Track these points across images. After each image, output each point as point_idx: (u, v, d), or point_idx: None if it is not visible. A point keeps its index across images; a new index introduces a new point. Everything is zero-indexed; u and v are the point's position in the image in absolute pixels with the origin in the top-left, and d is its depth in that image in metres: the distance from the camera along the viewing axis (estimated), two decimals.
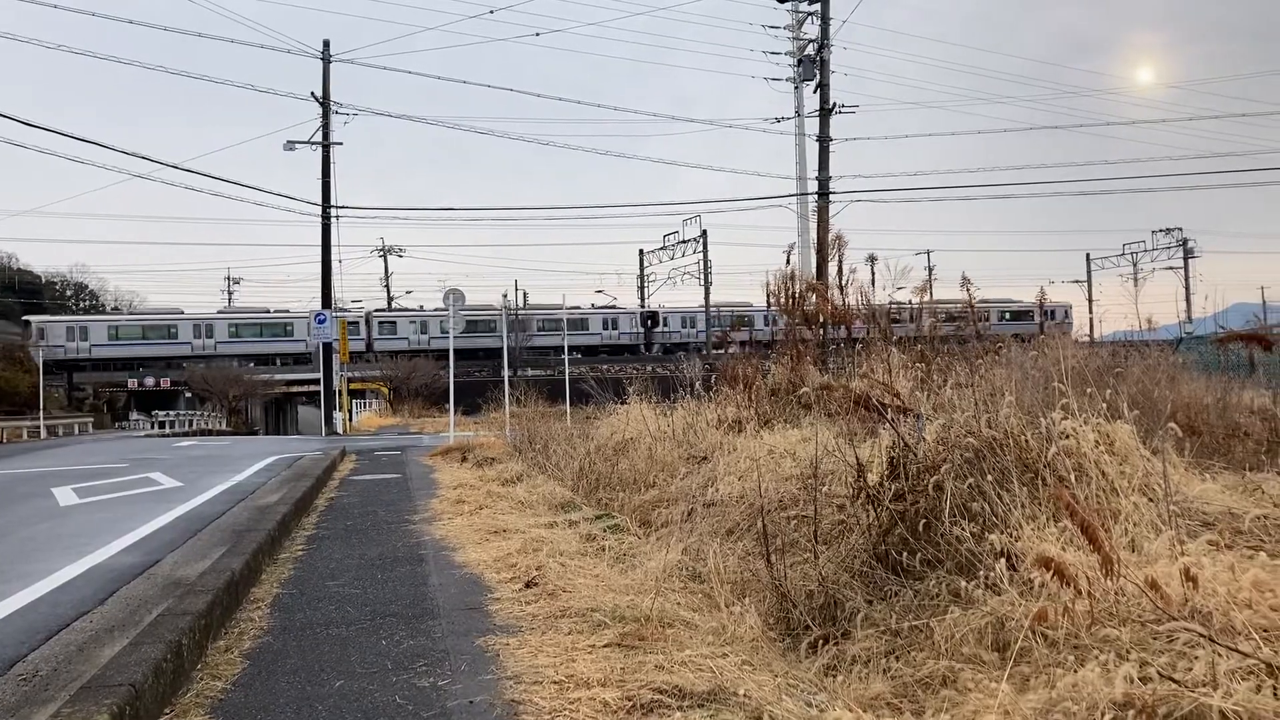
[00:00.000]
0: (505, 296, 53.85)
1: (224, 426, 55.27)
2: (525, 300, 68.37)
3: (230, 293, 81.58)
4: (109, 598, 5.73)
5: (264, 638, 5.21)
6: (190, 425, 52.83)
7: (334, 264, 35.14)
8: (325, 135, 34.18)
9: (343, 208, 35.51)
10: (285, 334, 63.13)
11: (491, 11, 37.27)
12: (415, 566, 7.07)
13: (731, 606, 5.23)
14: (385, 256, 73.89)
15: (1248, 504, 5.55)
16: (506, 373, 23.65)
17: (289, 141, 34.46)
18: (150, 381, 61.10)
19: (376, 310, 68.85)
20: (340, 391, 37.27)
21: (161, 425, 52.02)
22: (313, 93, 34.34)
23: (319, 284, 35.23)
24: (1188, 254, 72.01)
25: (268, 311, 65.31)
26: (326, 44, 34.29)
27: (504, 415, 20.66)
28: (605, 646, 4.53)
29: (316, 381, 37.78)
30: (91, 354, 59.22)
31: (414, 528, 8.89)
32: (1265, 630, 3.57)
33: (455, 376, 22.14)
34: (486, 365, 55.33)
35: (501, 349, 30.10)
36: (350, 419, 39.91)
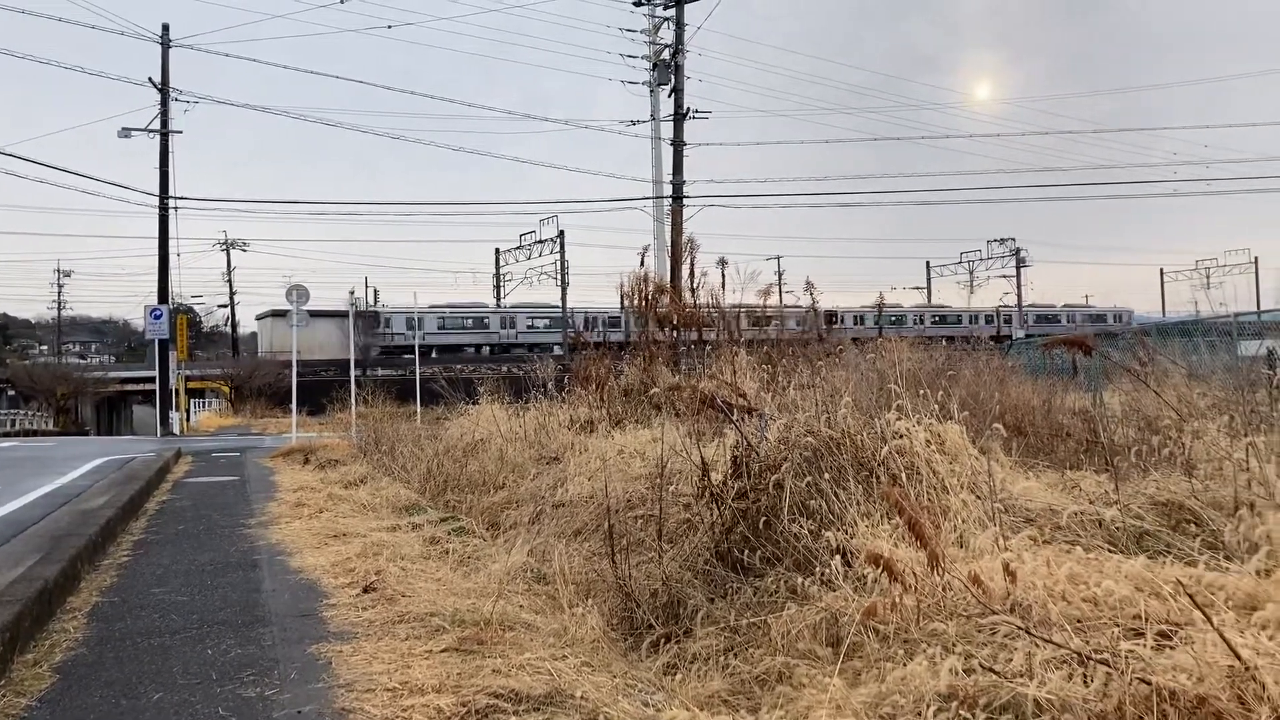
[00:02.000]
0: (353, 294, 52.46)
1: (51, 426, 52.18)
2: (376, 298, 66.96)
3: (60, 285, 77.39)
4: None
5: (78, 649, 4.90)
6: (13, 425, 49.64)
7: (172, 258, 33.73)
8: (164, 123, 32.69)
9: (182, 199, 33.88)
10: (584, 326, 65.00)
11: (341, 1, 36.08)
12: (248, 572, 6.79)
13: (575, 608, 5.20)
14: (228, 251, 71.02)
15: (1067, 500, 5.82)
16: (354, 372, 23.03)
17: (124, 129, 32.85)
18: None
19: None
20: (177, 390, 35.66)
21: None
22: (150, 78, 32.81)
23: (156, 278, 33.74)
24: (1020, 262, 75.79)
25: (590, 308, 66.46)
26: (166, 28, 32.79)
27: (350, 416, 20.15)
28: (443, 651, 4.43)
29: (153, 380, 36.02)
30: (425, 340, 61.08)
31: (249, 532, 8.55)
32: (1078, 621, 3.74)
33: (301, 376, 21.46)
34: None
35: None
36: (188, 419, 38.25)
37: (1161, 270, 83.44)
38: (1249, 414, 6.17)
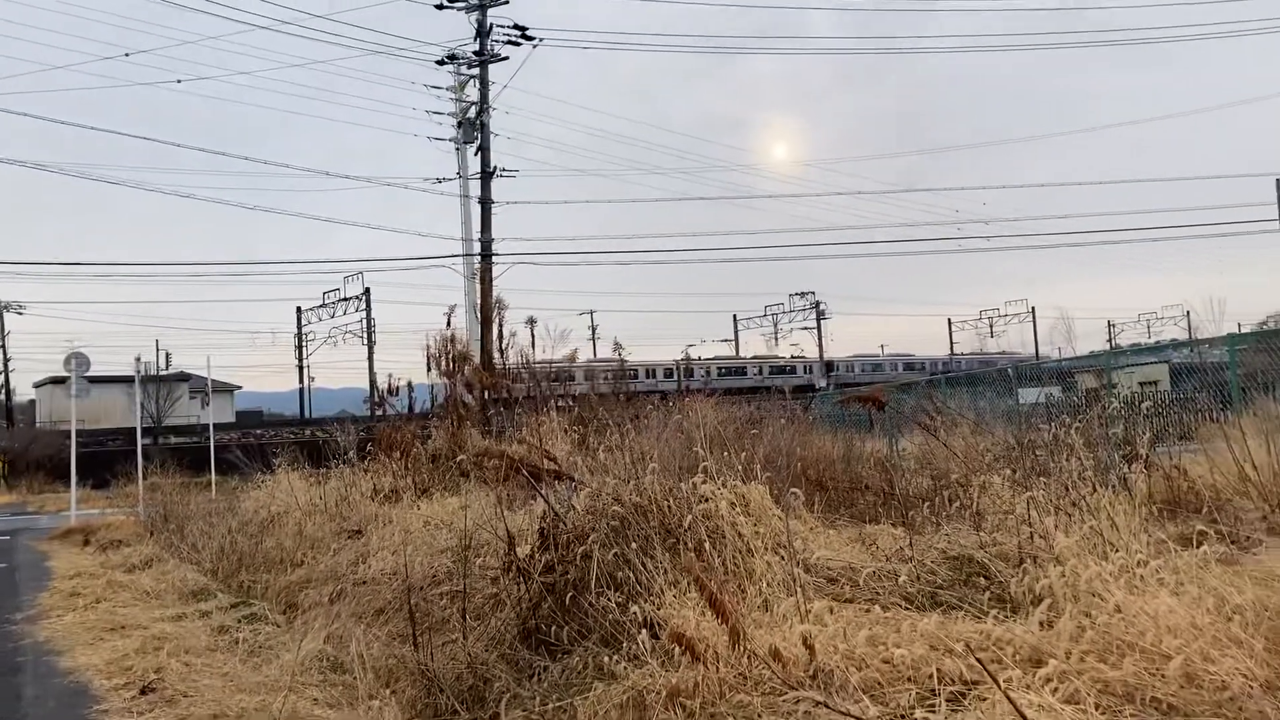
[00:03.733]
0: (139, 359, 49.12)
1: None
2: (169, 361, 63.21)
3: None
4: None
5: None
6: None
7: None
8: None
9: None
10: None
11: (126, 55, 34.58)
12: (8, 678, 6.18)
13: (373, 699, 4.92)
14: (1, 314, 65.64)
15: (865, 558, 5.97)
16: (140, 441, 21.58)
17: None
18: None
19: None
20: None
21: None
22: None
23: None
24: (820, 315, 78.77)
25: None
26: None
27: (138, 490, 18.88)
28: None
29: None
30: None
31: (14, 629, 7.83)
32: (878, 685, 3.79)
33: (84, 447, 19.97)
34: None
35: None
36: None
37: (950, 320, 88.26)
38: (1029, 466, 6.49)
